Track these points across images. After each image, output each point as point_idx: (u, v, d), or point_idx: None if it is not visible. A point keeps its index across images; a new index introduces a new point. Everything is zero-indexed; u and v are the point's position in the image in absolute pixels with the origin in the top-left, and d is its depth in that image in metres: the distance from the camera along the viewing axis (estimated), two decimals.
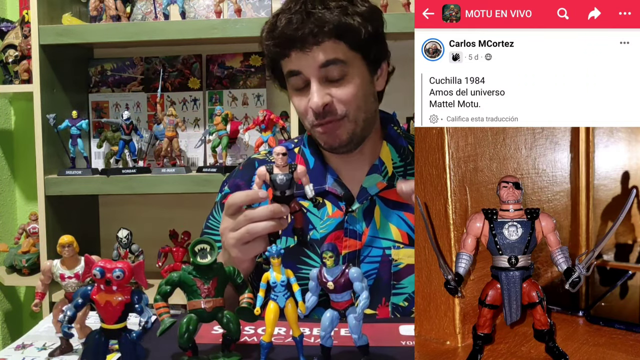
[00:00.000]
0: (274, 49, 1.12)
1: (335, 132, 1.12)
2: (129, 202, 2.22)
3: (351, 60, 1.10)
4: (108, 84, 2.17)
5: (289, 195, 0.92)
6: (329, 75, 1.09)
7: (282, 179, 0.90)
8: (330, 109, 1.09)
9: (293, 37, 1.07)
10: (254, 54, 2.12)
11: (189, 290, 0.82)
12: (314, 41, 1.07)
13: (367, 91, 1.14)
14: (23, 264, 2.04)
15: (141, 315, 0.78)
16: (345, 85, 1.10)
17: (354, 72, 1.11)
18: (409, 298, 1.13)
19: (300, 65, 1.09)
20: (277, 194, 0.92)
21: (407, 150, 1.23)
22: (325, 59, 1.08)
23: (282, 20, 1.09)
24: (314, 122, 1.12)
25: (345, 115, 1.11)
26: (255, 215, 0.95)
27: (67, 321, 0.79)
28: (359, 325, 0.79)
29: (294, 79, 1.12)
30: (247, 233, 0.96)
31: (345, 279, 0.78)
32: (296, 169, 0.91)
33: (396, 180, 1.18)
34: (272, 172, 0.90)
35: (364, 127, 1.14)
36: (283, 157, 0.89)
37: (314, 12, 1.07)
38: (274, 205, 0.93)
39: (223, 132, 1.87)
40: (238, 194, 0.99)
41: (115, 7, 1.88)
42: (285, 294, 0.79)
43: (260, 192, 0.94)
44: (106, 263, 0.77)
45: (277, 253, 0.78)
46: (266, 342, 0.80)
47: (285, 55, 1.11)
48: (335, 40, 1.08)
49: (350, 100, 1.10)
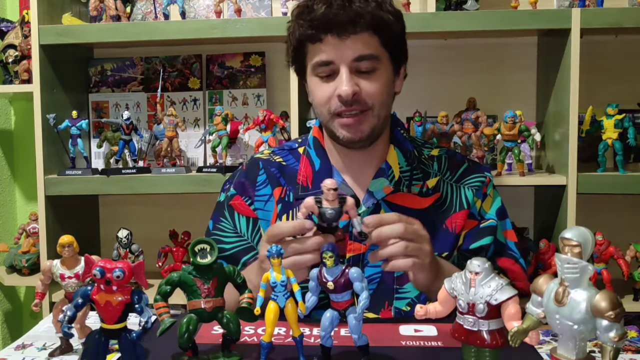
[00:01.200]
0: (308, 30, 1.11)
1: (359, 125, 1.12)
2: (129, 202, 2.22)
3: (381, 57, 1.12)
4: (108, 84, 2.17)
5: (335, 226, 0.91)
6: (360, 66, 1.10)
7: (331, 213, 0.88)
8: (359, 98, 1.10)
9: (333, 21, 1.07)
10: (254, 54, 2.12)
11: (189, 290, 0.82)
12: (352, 30, 1.08)
13: (390, 89, 1.16)
14: (23, 264, 2.04)
15: (141, 315, 0.78)
16: (374, 79, 1.11)
17: (383, 68, 1.12)
18: (411, 302, 1.13)
19: (333, 54, 1.09)
20: (324, 225, 0.91)
21: (413, 154, 1.22)
22: (360, 53, 1.09)
23: (319, 3, 1.09)
24: (336, 110, 1.11)
25: (371, 108, 1.11)
26: (304, 247, 0.93)
27: (67, 321, 0.79)
28: (359, 325, 0.79)
29: (322, 68, 1.11)
30: (294, 265, 0.93)
31: (345, 279, 0.78)
32: (346, 202, 0.89)
33: (402, 185, 1.18)
34: (320, 204, 0.89)
35: (383, 123, 1.16)
36: (334, 192, 0.87)
37: (353, 1, 1.08)
38: (321, 237, 0.92)
39: (223, 132, 1.86)
40: (284, 225, 0.97)
41: (115, 7, 1.88)
42: (285, 294, 0.79)
43: (307, 223, 0.92)
44: (106, 263, 0.77)
45: (277, 253, 0.78)
46: (266, 342, 0.80)
47: (317, 40, 1.10)
48: (371, 33, 1.09)
49: (377, 94, 1.11)
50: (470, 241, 1.20)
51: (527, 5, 1.78)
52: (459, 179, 1.24)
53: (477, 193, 1.22)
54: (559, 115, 1.84)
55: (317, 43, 1.10)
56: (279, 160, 1.26)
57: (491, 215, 1.23)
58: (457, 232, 1.19)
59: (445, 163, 1.25)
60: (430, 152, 1.27)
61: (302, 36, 1.13)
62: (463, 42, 2.08)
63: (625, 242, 1.83)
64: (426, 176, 1.21)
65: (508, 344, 0.71)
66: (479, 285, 0.74)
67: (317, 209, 0.89)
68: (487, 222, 1.22)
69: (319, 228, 0.92)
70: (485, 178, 1.25)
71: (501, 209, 1.25)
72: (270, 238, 0.97)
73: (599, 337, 0.64)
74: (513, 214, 1.28)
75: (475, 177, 1.24)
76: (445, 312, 0.80)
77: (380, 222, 0.95)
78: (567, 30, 1.73)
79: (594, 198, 1.91)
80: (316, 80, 1.14)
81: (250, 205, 1.24)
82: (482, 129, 1.81)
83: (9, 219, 2.36)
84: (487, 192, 1.24)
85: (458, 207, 1.20)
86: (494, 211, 1.24)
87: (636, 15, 1.72)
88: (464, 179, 1.23)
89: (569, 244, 0.66)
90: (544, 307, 0.68)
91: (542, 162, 2.03)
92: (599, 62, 2.00)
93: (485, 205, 1.23)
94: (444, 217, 1.19)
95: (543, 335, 0.95)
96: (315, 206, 0.89)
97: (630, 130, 1.77)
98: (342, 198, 0.89)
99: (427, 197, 1.19)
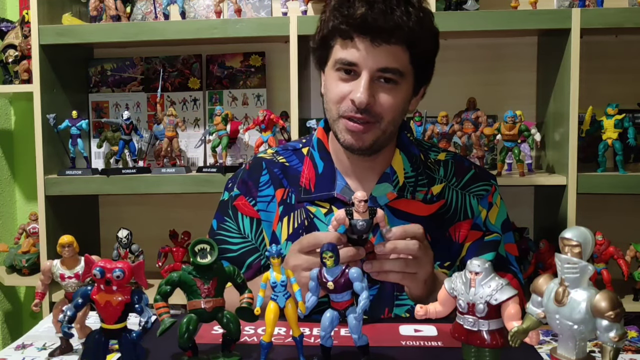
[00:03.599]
0: (342, 26, 1.07)
1: (362, 134, 1.09)
2: (129, 202, 2.22)
3: (406, 73, 1.09)
4: (108, 84, 2.17)
5: (366, 238, 0.92)
6: (382, 76, 1.07)
7: (362, 225, 0.89)
8: (370, 108, 1.07)
9: (370, 25, 1.04)
10: (254, 54, 2.11)
11: (189, 290, 0.82)
12: (387, 39, 1.04)
13: (404, 107, 1.13)
14: (23, 264, 2.04)
15: (141, 315, 0.78)
16: (392, 93, 1.08)
17: (405, 84, 1.10)
18: (411, 309, 1.12)
19: (359, 58, 1.06)
20: (355, 237, 0.91)
21: (419, 159, 1.21)
22: (387, 65, 1.06)
23: (361, 1, 1.05)
24: (345, 112, 1.09)
25: (378, 122, 1.09)
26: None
27: (67, 321, 0.79)
28: (359, 325, 0.78)
29: (344, 66, 1.08)
30: None
31: (345, 279, 0.78)
32: (376, 214, 0.89)
33: (407, 191, 1.17)
34: (352, 216, 0.89)
35: (388, 138, 1.13)
36: (365, 204, 0.88)
37: (396, 10, 1.04)
38: (354, 250, 0.92)
39: (223, 132, 1.86)
40: (321, 235, 0.97)
41: (115, 7, 1.88)
42: (285, 294, 0.79)
43: (343, 238, 0.92)
44: (106, 263, 0.77)
45: (277, 253, 0.78)
46: (266, 342, 0.80)
47: (347, 37, 1.07)
48: (405, 48, 1.06)
49: (390, 109, 1.08)
50: (473, 254, 1.17)
51: (527, 5, 1.78)
52: (464, 186, 1.22)
53: (481, 202, 1.21)
54: (559, 115, 1.84)
55: (347, 40, 1.07)
56: (282, 161, 1.25)
57: (496, 229, 1.21)
58: (460, 242, 1.18)
59: (451, 168, 1.23)
60: (437, 156, 1.25)
61: (335, 29, 1.08)
62: (463, 42, 2.08)
63: (625, 242, 1.83)
64: (431, 182, 1.20)
65: (508, 344, 0.71)
66: (479, 285, 0.74)
67: (348, 221, 0.89)
68: (492, 236, 1.20)
69: (348, 240, 0.93)
70: (491, 187, 1.23)
71: (506, 222, 1.24)
72: (304, 247, 0.97)
73: (599, 337, 0.64)
74: (513, 214, 1.28)
75: (481, 184, 1.22)
76: (445, 312, 0.80)
77: (403, 234, 0.96)
78: (567, 30, 1.73)
79: (594, 198, 1.91)
80: (335, 76, 1.11)
81: (253, 205, 1.23)
82: (482, 129, 1.81)
83: (9, 219, 2.36)
84: (493, 201, 1.23)
85: (462, 215, 1.19)
86: (499, 224, 1.22)
87: (636, 15, 1.72)
88: (470, 187, 1.22)
89: (569, 244, 0.66)
90: (544, 307, 0.68)
91: (542, 162, 2.03)
92: (599, 62, 2.00)
93: (491, 216, 1.22)
94: (448, 225, 1.18)
95: (543, 335, 0.95)
96: (347, 218, 0.89)
97: (630, 130, 1.77)
98: (372, 210, 0.89)
99: (432, 204, 1.18)
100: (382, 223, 0.91)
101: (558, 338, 0.69)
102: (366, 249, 0.94)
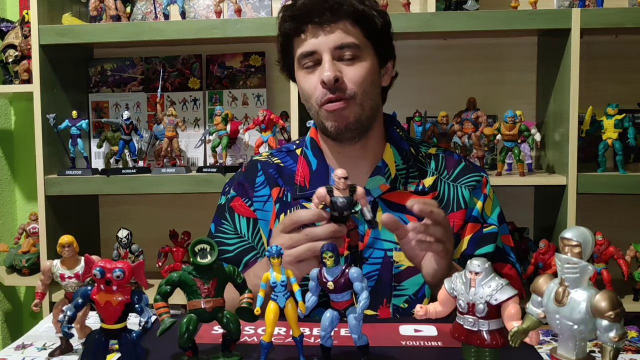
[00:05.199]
0: (291, 23, 1.14)
1: (342, 112, 1.12)
2: (129, 202, 2.22)
3: (364, 46, 1.13)
4: (108, 84, 2.17)
5: (347, 215, 0.93)
6: (342, 55, 1.12)
7: (342, 202, 0.90)
8: (341, 85, 1.11)
9: (311, 10, 1.10)
10: (254, 54, 2.12)
11: (189, 290, 0.82)
12: (332, 18, 1.10)
13: (374, 78, 1.16)
14: (23, 264, 2.04)
15: (141, 315, 0.78)
16: (356, 66, 1.12)
17: (366, 56, 1.14)
18: (409, 300, 1.13)
19: (314, 44, 1.11)
20: (336, 214, 0.92)
21: (409, 152, 1.23)
22: (341, 41, 1.11)
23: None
24: (322, 98, 1.12)
25: (353, 96, 1.12)
26: (317, 233, 0.94)
27: (67, 321, 0.79)
28: (359, 325, 0.78)
29: (306, 59, 1.13)
30: (308, 251, 0.94)
31: (345, 279, 0.78)
32: (356, 190, 0.91)
33: (399, 183, 1.19)
34: (332, 193, 0.90)
35: (369, 114, 1.16)
36: (345, 181, 0.89)
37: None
38: (335, 226, 0.93)
39: (223, 132, 1.86)
40: (303, 212, 0.97)
41: (115, 7, 1.88)
42: (285, 294, 0.79)
43: (324, 213, 0.93)
44: (106, 263, 0.77)
45: (277, 253, 0.78)
46: (266, 342, 0.80)
47: (300, 31, 1.13)
48: (352, 23, 1.11)
49: (359, 81, 1.12)
50: (474, 247, 1.19)
51: (527, 5, 1.78)
52: (455, 178, 1.24)
53: (474, 192, 1.22)
54: (559, 115, 1.84)
55: (301, 35, 1.13)
56: (276, 162, 1.27)
57: (493, 221, 1.23)
58: (455, 232, 1.19)
59: (442, 162, 1.25)
60: (428, 150, 1.28)
61: (287, 30, 1.16)
62: (463, 42, 2.08)
63: (625, 242, 1.83)
64: (422, 174, 1.22)
65: (508, 344, 0.71)
66: (479, 285, 0.74)
67: (329, 198, 0.90)
68: (490, 228, 1.21)
69: (332, 218, 0.93)
70: (482, 177, 1.25)
71: (501, 214, 1.26)
72: (286, 226, 0.98)
73: (599, 337, 0.64)
74: (513, 214, 1.29)
75: (471, 176, 1.24)
76: (445, 312, 0.80)
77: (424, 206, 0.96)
78: (567, 30, 1.73)
79: (594, 198, 1.91)
80: (302, 73, 1.16)
81: (250, 206, 1.24)
82: (482, 129, 1.81)
83: (9, 219, 2.36)
84: (487, 193, 1.24)
85: (455, 206, 1.21)
86: (495, 216, 1.24)
87: (636, 15, 1.72)
88: (461, 178, 1.23)
89: (569, 244, 0.66)
90: (544, 307, 0.68)
91: (542, 162, 2.03)
92: (599, 62, 2.00)
93: (487, 209, 1.23)
94: None
95: (543, 335, 0.95)
96: (327, 195, 0.90)
97: (630, 130, 1.77)
98: (352, 187, 0.90)
99: (424, 195, 1.20)
100: (363, 200, 0.91)
101: (558, 338, 0.69)
102: (347, 227, 0.94)
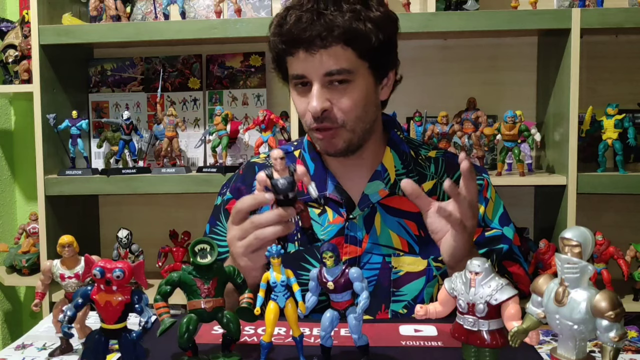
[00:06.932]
0: (281, 45, 1.09)
1: (332, 139, 1.09)
2: (129, 202, 2.22)
3: (357, 69, 1.07)
4: (108, 84, 2.17)
5: (293, 198, 0.90)
6: (333, 80, 1.06)
7: (283, 183, 0.88)
8: (329, 115, 1.07)
9: (300, 37, 1.04)
10: (254, 54, 2.12)
11: (189, 290, 0.82)
12: (321, 44, 1.04)
13: (369, 101, 1.10)
14: (23, 264, 2.04)
15: (141, 315, 0.78)
16: (347, 93, 1.07)
17: (359, 81, 1.08)
18: (408, 305, 1.12)
19: (304, 69, 1.07)
20: (281, 197, 0.90)
21: (409, 156, 1.21)
22: (330, 68, 1.05)
23: (291, 17, 1.05)
24: (312, 124, 1.09)
25: (343, 125, 1.08)
26: (262, 220, 0.93)
27: (67, 321, 0.79)
28: (359, 325, 0.78)
29: (297, 80, 1.09)
30: (256, 239, 0.94)
31: (345, 279, 0.78)
32: (296, 170, 0.89)
33: (398, 188, 1.16)
34: (271, 177, 0.89)
35: (362, 136, 1.12)
36: (281, 161, 0.87)
37: (325, 14, 1.03)
38: (280, 209, 0.91)
39: (223, 132, 1.87)
40: (244, 199, 0.96)
41: (115, 7, 1.88)
42: (285, 294, 0.79)
43: (267, 195, 0.91)
44: (106, 263, 0.77)
45: (277, 253, 0.78)
46: (266, 342, 0.80)
47: (291, 54, 1.08)
48: (344, 46, 1.05)
49: (350, 110, 1.07)
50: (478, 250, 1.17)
51: (527, 5, 1.79)
52: (456, 182, 1.22)
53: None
54: (559, 115, 1.84)
55: (291, 57, 1.08)
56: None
57: (495, 225, 1.21)
58: None
59: (442, 165, 1.23)
60: (428, 153, 1.25)
61: (279, 50, 1.11)
62: (463, 42, 2.08)
63: (625, 242, 1.83)
64: (422, 178, 1.19)
65: (508, 344, 0.71)
66: (479, 285, 0.74)
67: (269, 182, 0.89)
68: (492, 232, 1.20)
69: (278, 202, 0.91)
70: (483, 181, 1.23)
71: (504, 216, 1.24)
72: (233, 216, 0.98)
73: (599, 337, 0.64)
74: (513, 214, 1.28)
75: None
76: (445, 312, 0.80)
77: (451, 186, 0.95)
78: (567, 30, 1.73)
79: (594, 198, 1.91)
80: (294, 92, 1.12)
81: None
82: (482, 129, 1.81)
83: (9, 219, 2.36)
84: (488, 196, 1.22)
85: None
86: (497, 219, 1.22)
87: (636, 15, 1.72)
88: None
89: (569, 244, 0.66)
90: (544, 307, 0.68)
91: (542, 162, 2.03)
92: (599, 62, 2.00)
93: (489, 212, 1.21)
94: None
95: (543, 335, 0.95)
96: (267, 179, 0.89)
97: (630, 130, 1.77)
98: (292, 167, 0.89)
99: None
100: (306, 178, 0.90)
101: (558, 338, 0.69)
102: (296, 209, 0.92)
